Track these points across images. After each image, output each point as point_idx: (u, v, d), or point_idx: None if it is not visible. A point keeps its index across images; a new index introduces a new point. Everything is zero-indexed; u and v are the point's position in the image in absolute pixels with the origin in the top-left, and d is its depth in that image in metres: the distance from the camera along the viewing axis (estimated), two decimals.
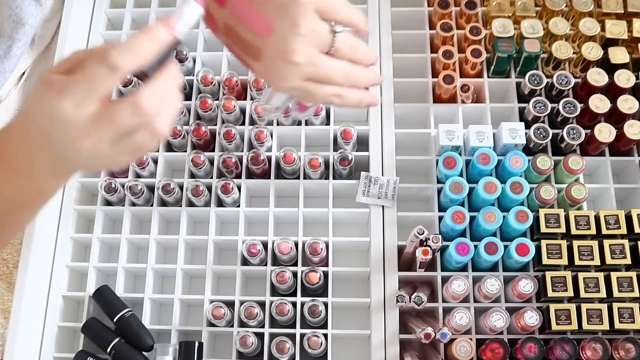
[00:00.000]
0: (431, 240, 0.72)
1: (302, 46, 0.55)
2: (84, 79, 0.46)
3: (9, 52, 0.79)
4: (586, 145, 0.81)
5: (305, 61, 0.56)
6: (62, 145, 0.48)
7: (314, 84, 0.59)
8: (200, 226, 0.87)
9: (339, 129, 0.82)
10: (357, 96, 0.62)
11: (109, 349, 0.72)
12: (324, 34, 0.56)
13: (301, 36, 0.55)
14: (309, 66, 0.56)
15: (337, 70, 0.58)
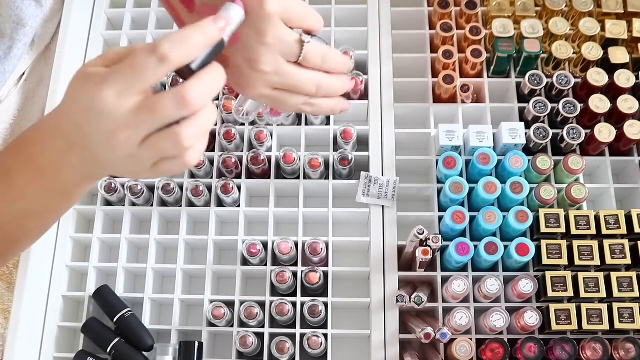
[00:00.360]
0: (431, 240, 0.72)
1: (268, 55, 0.55)
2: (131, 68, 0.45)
3: (9, 53, 0.79)
4: (586, 145, 0.81)
5: (272, 70, 0.55)
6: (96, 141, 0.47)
7: (283, 93, 0.58)
8: (200, 226, 0.87)
9: (339, 129, 0.82)
10: (329, 105, 0.61)
11: (109, 349, 0.72)
12: (292, 44, 0.55)
13: (267, 45, 0.54)
14: (276, 75, 0.56)
15: (307, 80, 0.58)
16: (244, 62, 0.55)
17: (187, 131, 0.46)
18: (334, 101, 0.62)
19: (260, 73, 0.55)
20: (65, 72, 0.88)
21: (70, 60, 0.89)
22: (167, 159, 0.48)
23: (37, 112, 0.87)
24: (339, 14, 0.92)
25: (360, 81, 0.85)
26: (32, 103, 0.87)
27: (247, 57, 0.55)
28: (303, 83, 0.58)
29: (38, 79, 0.89)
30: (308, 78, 0.58)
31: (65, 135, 0.49)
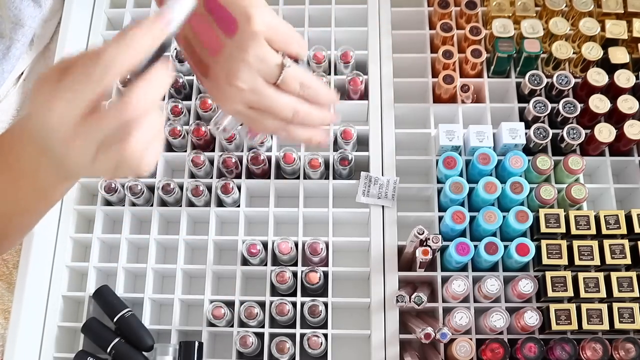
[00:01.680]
0: (431, 240, 0.72)
1: (247, 73, 0.55)
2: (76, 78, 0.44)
3: (8, 53, 0.79)
4: (586, 145, 0.81)
5: (249, 88, 0.55)
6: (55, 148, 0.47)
7: (259, 113, 0.58)
8: (200, 226, 0.87)
9: (339, 129, 0.82)
10: (304, 134, 0.61)
11: (109, 349, 0.72)
12: (271, 65, 0.55)
13: (246, 63, 0.54)
14: (252, 94, 0.56)
15: (283, 104, 0.57)
16: (223, 75, 0.56)
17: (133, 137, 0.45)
18: (311, 132, 0.61)
19: (235, 88, 0.55)
20: None
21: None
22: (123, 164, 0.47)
23: None
24: (339, 14, 0.92)
25: (360, 81, 0.85)
26: None
27: (226, 71, 0.55)
28: (279, 106, 0.57)
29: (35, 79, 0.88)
30: (284, 102, 0.57)
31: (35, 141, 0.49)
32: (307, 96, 0.59)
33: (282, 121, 0.59)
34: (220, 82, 0.56)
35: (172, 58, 0.88)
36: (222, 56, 0.55)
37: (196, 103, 0.85)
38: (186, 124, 0.86)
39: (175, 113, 0.84)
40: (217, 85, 0.57)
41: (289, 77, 0.56)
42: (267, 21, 0.55)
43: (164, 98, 0.84)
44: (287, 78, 0.56)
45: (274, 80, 0.56)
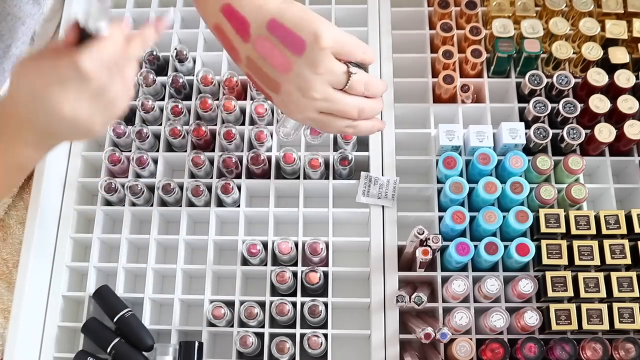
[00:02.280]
0: (431, 240, 0.72)
1: (319, 84, 0.61)
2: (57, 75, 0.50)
3: (8, 51, 0.79)
4: (586, 145, 0.81)
5: (321, 97, 0.61)
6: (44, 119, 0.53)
7: (328, 117, 0.64)
8: (200, 226, 0.87)
9: None
10: (368, 126, 0.67)
11: (109, 349, 0.72)
12: (340, 75, 0.61)
13: (319, 75, 0.60)
14: (324, 101, 0.62)
15: (351, 105, 0.63)
16: (296, 89, 0.61)
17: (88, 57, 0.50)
18: (372, 122, 0.67)
19: (310, 99, 0.61)
20: None
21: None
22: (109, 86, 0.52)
23: None
24: (339, 14, 0.92)
25: None
26: None
27: (298, 85, 0.61)
28: (348, 108, 0.63)
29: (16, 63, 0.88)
30: (352, 103, 0.63)
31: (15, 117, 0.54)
32: (371, 94, 0.64)
33: (349, 120, 0.65)
34: (294, 96, 0.62)
35: (172, 58, 0.88)
36: (292, 73, 0.60)
37: (196, 103, 0.85)
38: (186, 124, 0.86)
39: (175, 113, 0.84)
40: (289, 98, 0.62)
41: (355, 82, 0.62)
42: (333, 36, 0.60)
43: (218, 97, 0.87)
44: (353, 84, 0.62)
45: (342, 87, 0.62)
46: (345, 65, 0.62)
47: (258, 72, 0.63)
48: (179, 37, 0.92)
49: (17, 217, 0.85)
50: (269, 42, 0.60)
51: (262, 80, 0.63)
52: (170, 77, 0.86)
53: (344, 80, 0.62)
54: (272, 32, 0.60)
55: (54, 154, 0.83)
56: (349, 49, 0.61)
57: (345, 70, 0.61)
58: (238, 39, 0.62)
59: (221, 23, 0.62)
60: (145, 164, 0.82)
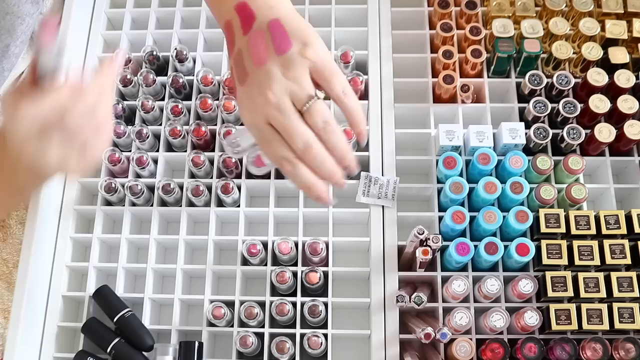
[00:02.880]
0: (431, 240, 0.72)
1: (279, 87, 0.58)
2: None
3: (7, 51, 0.79)
4: (586, 145, 0.81)
5: (274, 101, 0.58)
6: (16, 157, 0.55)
7: (273, 134, 0.59)
8: (200, 226, 0.87)
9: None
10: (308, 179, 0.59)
11: (109, 349, 0.72)
12: (303, 91, 0.58)
13: (284, 79, 0.58)
14: (275, 109, 0.58)
15: (299, 132, 0.58)
16: (257, 84, 0.59)
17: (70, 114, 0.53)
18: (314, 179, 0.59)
19: (264, 98, 0.58)
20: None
21: (70, 60, 0.89)
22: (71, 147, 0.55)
23: None
24: (339, 14, 0.92)
25: (360, 81, 0.85)
26: None
27: (261, 81, 0.58)
28: (295, 132, 0.58)
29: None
30: (301, 131, 0.58)
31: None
32: (326, 140, 0.59)
33: (292, 153, 0.59)
34: (253, 91, 0.59)
35: (172, 58, 0.88)
36: (263, 68, 0.59)
37: (196, 103, 0.85)
38: (186, 124, 0.86)
39: (175, 113, 0.84)
40: (248, 93, 0.60)
41: (315, 109, 0.58)
42: (320, 54, 0.58)
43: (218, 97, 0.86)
44: (312, 109, 0.58)
45: (300, 106, 0.58)
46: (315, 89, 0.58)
47: (239, 63, 0.61)
48: (179, 37, 0.92)
49: (17, 217, 0.85)
50: (262, 35, 0.59)
51: (238, 70, 0.62)
52: (170, 77, 0.86)
53: (304, 100, 0.58)
54: (269, 28, 0.60)
55: None
56: (328, 76, 0.59)
57: (312, 92, 0.58)
58: (240, 32, 0.62)
59: (232, 20, 0.62)
60: (145, 164, 0.82)
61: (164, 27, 0.94)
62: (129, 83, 0.87)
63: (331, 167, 0.59)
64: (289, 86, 0.58)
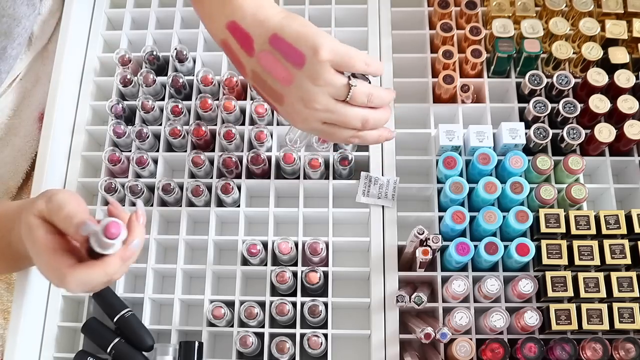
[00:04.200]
0: (431, 240, 0.72)
1: (320, 95, 0.63)
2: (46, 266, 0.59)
3: (4, 53, 0.79)
4: (586, 145, 0.81)
5: (323, 108, 0.63)
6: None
7: (332, 127, 0.66)
8: (200, 226, 0.87)
9: None
10: (374, 135, 0.69)
11: (109, 349, 0.72)
12: (340, 87, 0.63)
13: (319, 87, 0.62)
14: (326, 112, 0.64)
15: (353, 116, 0.65)
16: (298, 100, 0.63)
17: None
18: (379, 132, 0.69)
19: (312, 110, 0.63)
20: (65, 71, 0.88)
21: (70, 60, 0.89)
22: None
23: (33, 111, 0.87)
24: (339, 14, 0.92)
25: None
26: (28, 103, 0.87)
27: (301, 96, 0.63)
28: (350, 119, 0.65)
29: (34, 78, 0.88)
30: (355, 115, 0.65)
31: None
32: (372, 104, 0.66)
33: (354, 130, 0.66)
34: (296, 107, 0.64)
35: (172, 58, 0.88)
36: (294, 85, 0.62)
37: (196, 103, 0.85)
38: (186, 124, 0.86)
39: (175, 113, 0.85)
40: (293, 109, 0.64)
41: (357, 94, 0.64)
42: (332, 49, 0.61)
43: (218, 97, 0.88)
44: (355, 95, 0.64)
45: (344, 98, 0.64)
46: (346, 78, 0.63)
47: (263, 84, 0.65)
48: (179, 37, 0.92)
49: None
50: (272, 55, 0.62)
51: (267, 92, 0.65)
52: (170, 77, 0.86)
53: (344, 92, 0.63)
54: (274, 47, 0.62)
55: (54, 153, 0.84)
56: (347, 61, 0.62)
57: (345, 83, 0.63)
58: (243, 53, 0.64)
59: (228, 39, 0.64)
60: (145, 164, 0.82)
61: (164, 27, 0.94)
62: (129, 83, 0.87)
63: (386, 117, 0.67)
64: (326, 91, 0.62)
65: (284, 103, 0.64)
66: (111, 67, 0.92)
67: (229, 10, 0.63)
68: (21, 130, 0.86)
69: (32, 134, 0.86)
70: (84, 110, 0.89)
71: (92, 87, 0.90)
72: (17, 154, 0.85)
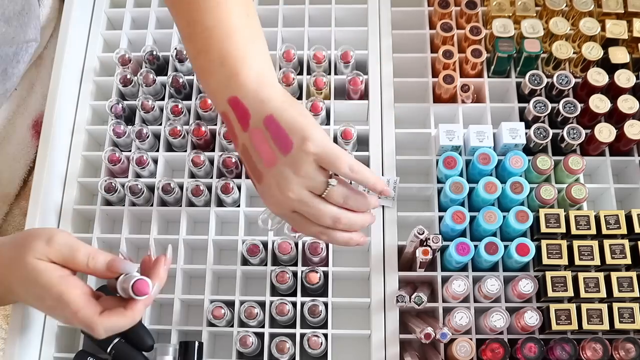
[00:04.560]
0: (431, 240, 0.72)
1: (296, 185, 0.62)
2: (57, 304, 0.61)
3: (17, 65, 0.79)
4: (586, 145, 0.81)
5: (296, 198, 0.62)
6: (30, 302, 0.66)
7: (302, 218, 0.65)
8: (200, 226, 0.87)
9: (339, 129, 0.82)
10: (344, 237, 0.66)
11: (109, 349, 0.72)
12: (318, 182, 0.62)
13: (298, 177, 0.62)
14: (299, 203, 0.63)
15: (326, 213, 0.64)
16: (275, 184, 0.63)
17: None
18: (349, 235, 0.67)
19: (285, 197, 0.63)
20: (65, 71, 0.87)
21: (70, 60, 0.89)
22: None
23: (27, 118, 0.87)
24: (339, 14, 0.92)
25: (360, 81, 0.85)
26: (22, 110, 0.87)
27: (278, 181, 0.63)
28: (322, 215, 0.64)
29: (29, 86, 0.88)
30: (328, 212, 0.64)
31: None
32: (349, 207, 0.65)
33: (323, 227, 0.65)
34: (272, 189, 0.63)
35: (172, 57, 0.88)
36: (275, 169, 0.62)
37: (196, 103, 0.85)
38: (186, 124, 0.86)
39: (175, 113, 0.84)
40: (269, 191, 0.64)
41: (334, 193, 0.63)
42: (320, 144, 0.61)
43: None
44: (331, 193, 0.63)
45: (320, 193, 0.63)
46: (327, 176, 0.63)
47: (249, 159, 0.65)
48: (179, 37, 0.92)
49: (14, 224, 0.85)
50: (262, 135, 0.62)
51: (250, 167, 0.65)
52: (170, 77, 0.86)
53: (321, 188, 0.63)
54: (266, 127, 0.62)
55: (54, 153, 0.84)
56: (333, 161, 0.62)
57: (324, 180, 0.62)
58: (239, 127, 0.64)
59: (228, 112, 0.64)
60: (145, 164, 0.82)
61: (164, 27, 0.94)
62: (129, 83, 0.87)
63: (362, 222, 0.67)
64: (303, 183, 0.62)
65: (262, 183, 0.64)
66: (111, 67, 0.92)
67: (232, 85, 0.63)
68: (15, 138, 0.86)
69: (26, 141, 0.86)
70: (84, 110, 0.89)
71: (92, 87, 0.90)
72: (12, 161, 0.86)
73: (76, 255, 0.62)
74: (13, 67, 0.79)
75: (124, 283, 0.63)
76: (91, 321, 0.61)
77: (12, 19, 0.75)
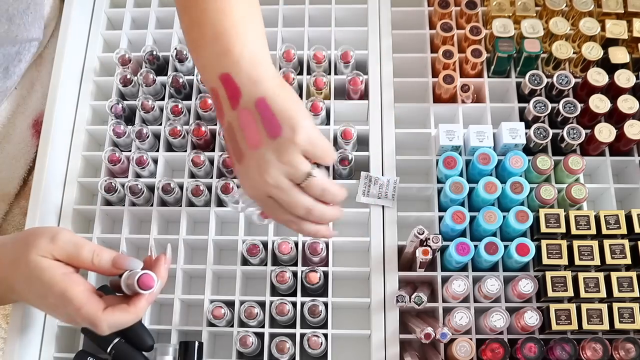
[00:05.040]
0: (431, 240, 0.72)
1: (276, 171, 0.62)
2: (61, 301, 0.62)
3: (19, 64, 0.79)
4: (586, 145, 0.81)
5: (274, 183, 0.62)
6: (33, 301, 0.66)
7: (275, 204, 0.65)
8: (200, 226, 0.87)
9: (339, 129, 0.82)
10: (311, 229, 0.67)
11: (109, 349, 0.72)
12: (300, 171, 0.62)
13: (279, 163, 0.61)
14: (275, 189, 0.62)
15: (300, 202, 0.64)
16: (255, 166, 0.62)
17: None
18: (317, 227, 0.67)
19: (263, 181, 0.62)
20: (65, 71, 0.88)
21: (70, 60, 0.89)
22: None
23: (27, 117, 0.87)
24: (339, 14, 0.92)
25: (360, 81, 0.85)
26: (22, 110, 0.87)
27: (258, 163, 0.62)
28: (296, 204, 0.64)
29: (29, 85, 0.88)
30: (302, 201, 0.64)
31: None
32: (324, 199, 0.65)
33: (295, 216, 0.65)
34: (251, 171, 0.63)
35: (172, 57, 0.88)
36: (259, 152, 0.62)
37: (196, 103, 0.85)
38: (186, 124, 0.86)
39: (175, 113, 0.84)
40: (247, 172, 0.64)
41: (314, 184, 0.63)
42: (309, 136, 0.61)
43: None
44: (311, 184, 0.63)
45: (299, 182, 0.63)
46: (310, 166, 0.63)
47: (232, 138, 0.64)
48: (179, 37, 0.92)
49: (14, 223, 0.85)
50: (252, 116, 0.62)
51: (233, 146, 0.65)
52: (170, 77, 0.86)
53: (302, 177, 0.62)
54: (258, 109, 0.62)
55: (54, 153, 0.84)
56: (319, 154, 0.62)
57: (307, 171, 0.62)
58: (228, 105, 0.63)
59: (217, 89, 0.63)
60: (145, 164, 0.82)
61: (164, 27, 0.94)
62: (129, 83, 0.87)
63: (331, 215, 0.67)
64: (284, 169, 0.62)
65: (242, 163, 0.64)
66: (111, 67, 0.92)
67: (225, 62, 0.62)
68: (14, 137, 0.86)
69: (26, 141, 0.86)
70: (84, 110, 0.89)
71: (92, 87, 0.90)
72: (12, 160, 0.85)
73: (81, 252, 0.62)
74: (15, 65, 0.79)
75: (129, 279, 0.63)
76: (95, 317, 0.61)
77: (16, 17, 0.75)
